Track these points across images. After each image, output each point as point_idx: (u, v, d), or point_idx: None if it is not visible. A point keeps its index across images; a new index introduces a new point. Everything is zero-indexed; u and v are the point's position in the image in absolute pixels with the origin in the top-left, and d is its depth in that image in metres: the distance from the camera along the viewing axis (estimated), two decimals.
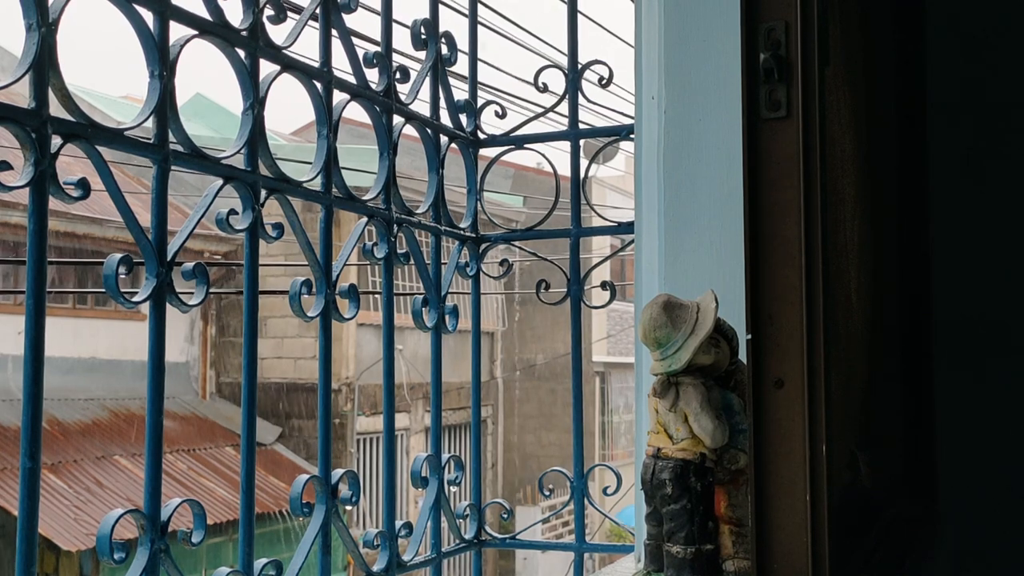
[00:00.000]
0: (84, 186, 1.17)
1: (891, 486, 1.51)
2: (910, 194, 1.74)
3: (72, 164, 1.17)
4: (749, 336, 1.06)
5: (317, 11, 1.62)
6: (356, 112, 1.74)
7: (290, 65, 1.54)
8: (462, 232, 2.07)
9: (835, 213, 1.12)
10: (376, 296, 11.01)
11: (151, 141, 1.29)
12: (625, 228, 2.02)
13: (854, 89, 1.29)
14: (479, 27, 2.16)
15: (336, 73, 1.64)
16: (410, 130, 1.89)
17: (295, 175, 1.56)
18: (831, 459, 1.04)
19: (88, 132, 1.18)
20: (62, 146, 1.15)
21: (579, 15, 2.12)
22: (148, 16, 1.28)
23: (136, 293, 1.26)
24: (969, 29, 1.85)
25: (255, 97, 1.45)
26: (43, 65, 1.13)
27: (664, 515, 1.30)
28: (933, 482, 1.73)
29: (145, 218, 1.27)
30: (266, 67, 1.49)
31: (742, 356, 1.25)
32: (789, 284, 1.04)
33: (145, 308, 1.28)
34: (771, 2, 1.04)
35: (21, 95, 1.14)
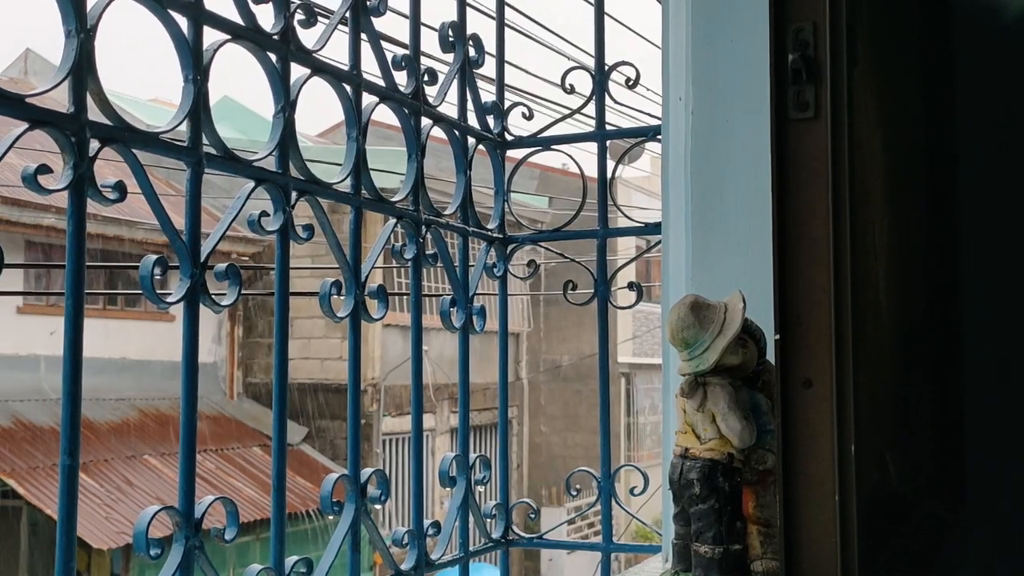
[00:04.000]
0: (121, 189, 1.20)
1: (920, 487, 1.50)
2: (938, 193, 1.73)
3: (102, 167, 1.19)
4: (777, 336, 1.07)
5: (346, 15, 1.64)
6: (382, 114, 1.75)
7: (320, 68, 1.56)
8: (489, 233, 2.08)
9: (863, 213, 1.12)
10: (401, 297, 11.05)
11: (185, 144, 1.31)
12: (652, 229, 2.02)
13: (882, 89, 1.29)
14: (506, 29, 2.17)
15: (365, 76, 1.66)
16: (435, 132, 1.90)
17: (322, 177, 1.58)
18: (860, 459, 1.04)
19: (125, 136, 1.21)
20: (100, 150, 1.17)
21: (606, 16, 2.13)
22: (183, 22, 1.30)
23: (169, 294, 1.29)
24: (998, 25, 1.84)
25: (286, 100, 1.47)
26: (82, 70, 1.15)
27: (692, 515, 1.30)
28: (962, 483, 1.72)
29: (176, 220, 1.30)
30: (296, 70, 1.51)
31: (770, 356, 1.26)
32: (817, 285, 1.04)
33: (175, 309, 1.30)
34: (800, 3, 1.04)
35: (53, 99, 1.17)
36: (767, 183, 1.08)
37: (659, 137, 1.87)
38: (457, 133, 1.97)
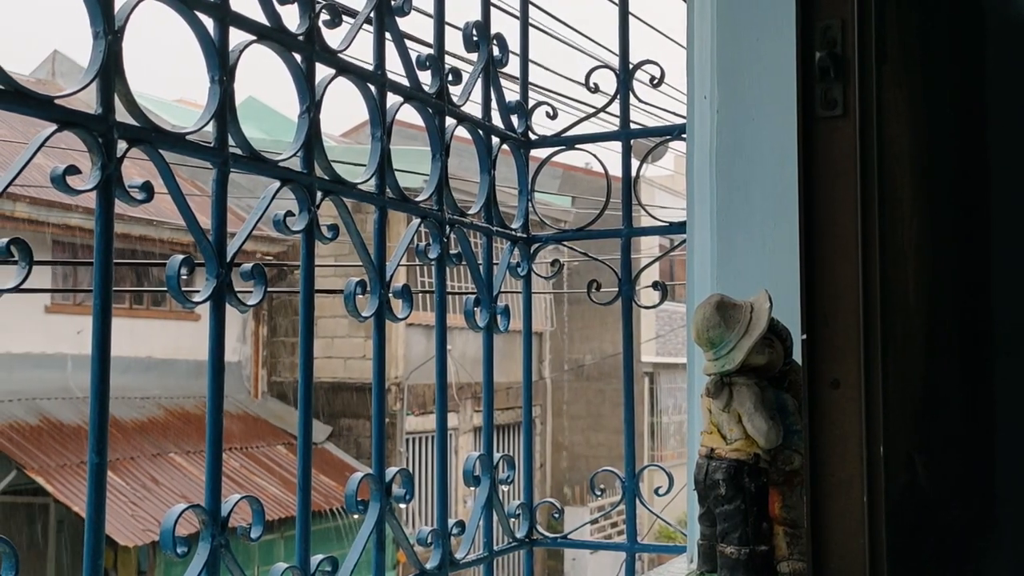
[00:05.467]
0: (148, 189, 1.20)
1: (949, 488, 1.49)
2: (968, 190, 1.71)
3: (127, 167, 1.19)
4: (804, 336, 1.06)
5: (371, 15, 1.64)
6: (405, 114, 1.76)
7: (345, 68, 1.56)
8: (513, 233, 2.08)
9: (892, 212, 1.11)
10: (424, 296, 11.07)
11: (212, 145, 1.32)
12: (676, 228, 2.01)
13: (911, 86, 1.27)
14: (530, 28, 2.16)
15: (389, 76, 1.66)
16: (458, 131, 1.90)
17: (345, 176, 1.58)
18: (888, 460, 1.03)
19: (152, 137, 1.21)
20: (127, 150, 1.18)
21: (630, 15, 2.12)
22: (209, 22, 1.31)
23: (195, 293, 1.29)
24: None
25: (311, 100, 1.48)
26: (109, 72, 1.16)
27: (717, 516, 1.30)
28: (991, 485, 1.70)
29: (201, 220, 1.30)
30: (321, 71, 1.52)
31: (796, 356, 1.25)
32: (846, 284, 1.04)
33: (201, 308, 1.30)
34: (827, 0, 1.03)
35: (80, 100, 1.17)
36: (793, 181, 1.07)
37: (684, 136, 1.86)
38: (481, 132, 1.97)
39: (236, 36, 1.35)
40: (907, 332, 1.21)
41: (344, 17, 1.56)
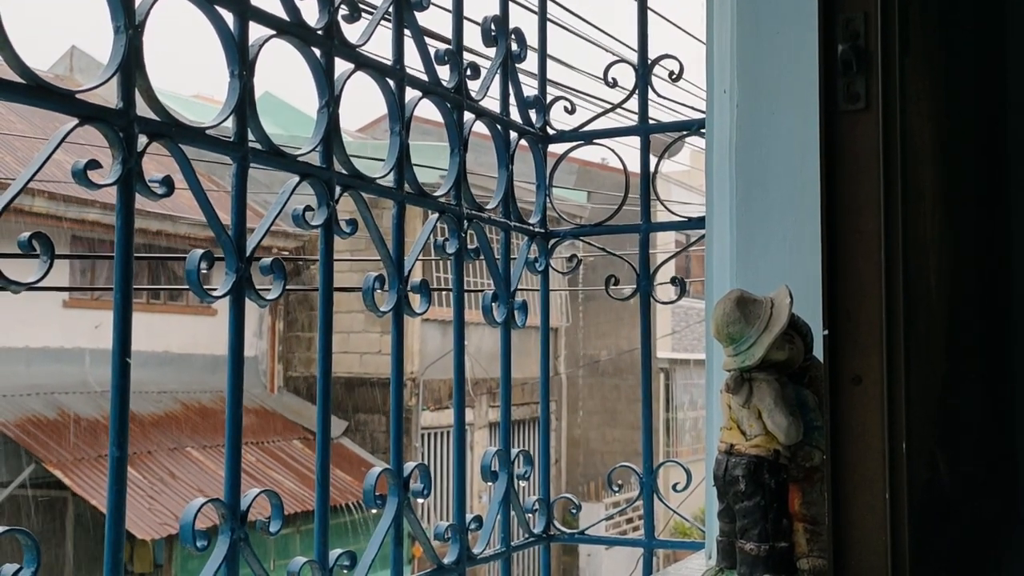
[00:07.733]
0: (168, 184, 1.21)
1: (971, 486, 1.48)
2: (992, 185, 1.70)
3: (144, 163, 1.20)
4: (826, 332, 1.05)
5: (390, 10, 1.64)
6: (421, 109, 1.75)
7: (364, 63, 1.56)
8: (531, 228, 2.07)
9: (915, 207, 1.10)
10: (439, 292, 11.07)
11: (231, 139, 1.32)
12: (695, 223, 2.00)
13: (933, 78, 1.26)
14: (548, 23, 2.16)
15: (408, 71, 1.66)
16: (475, 126, 1.90)
17: (363, 171, 1.58)
18: (910, 457, 1.02)
19: (172, 131, 1.22)
20: (148, 145, 1.19)
21: (648, 10, 2.11)
22: (228, 17, 1.31)
23: (214, 289, 1.29)
24: None
25: (330, 95, 1.48)
26: (130, 66, 1.16)
27: (737, 512, 1.29)
28: (1014, 481, 1.69)
29: (220, 215, 1.30)
30: (340, 65, 1.52)
31: (817, 352, 1.24)
32: (868, 280, 1.03)
33: (218, 303, 1.31)
34: None
35: (98, 95, 1.18)
36: (813, 176, 1.06)
37: (703, 131, 1.85)
38: (499, 127, 1.96)
39: (255, 31, 1.36)
40: (929, 328, 1.20)
41: (363, 12, 1.56)
